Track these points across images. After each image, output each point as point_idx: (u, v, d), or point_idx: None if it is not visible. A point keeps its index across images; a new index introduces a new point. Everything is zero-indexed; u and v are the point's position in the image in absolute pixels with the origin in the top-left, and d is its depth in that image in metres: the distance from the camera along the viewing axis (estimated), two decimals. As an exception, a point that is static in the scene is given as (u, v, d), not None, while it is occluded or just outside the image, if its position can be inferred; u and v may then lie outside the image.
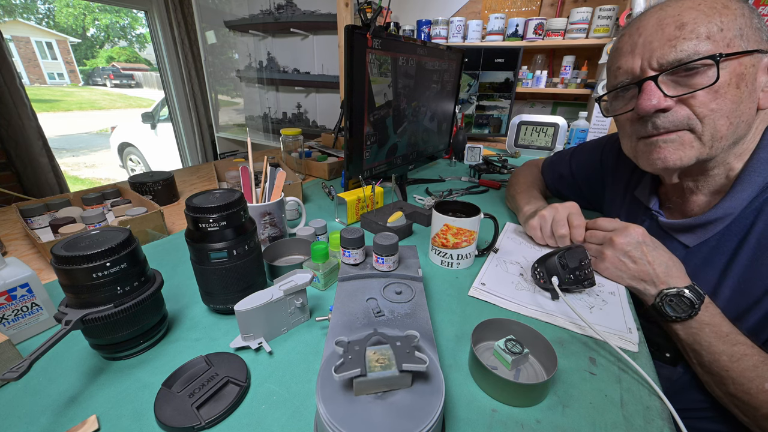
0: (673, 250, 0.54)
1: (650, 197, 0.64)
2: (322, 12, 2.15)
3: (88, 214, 0.70)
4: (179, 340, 0.44)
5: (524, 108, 2.09)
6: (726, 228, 0.51)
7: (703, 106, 0.47)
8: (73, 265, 0.35)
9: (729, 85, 0.46)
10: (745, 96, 0.47)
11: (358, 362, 0.29)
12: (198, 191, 0.61)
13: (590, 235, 0.60)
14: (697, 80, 0.47)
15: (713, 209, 0.52)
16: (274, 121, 2.71)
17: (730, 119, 0.47)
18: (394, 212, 0.74)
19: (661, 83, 0.49)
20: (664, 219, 0.60)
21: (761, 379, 0.41)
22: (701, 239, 0.54)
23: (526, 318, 0.49)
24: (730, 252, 0.51)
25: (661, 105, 0.49)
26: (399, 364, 0.28)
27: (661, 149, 0.52)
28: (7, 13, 14.76)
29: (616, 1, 1.60)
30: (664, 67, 0.48)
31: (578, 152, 0.86)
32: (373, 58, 0.73)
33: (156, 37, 2.72)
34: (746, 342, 0.44)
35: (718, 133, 0.48)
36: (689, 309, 0.47)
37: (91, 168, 5.43)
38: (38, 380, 0.38)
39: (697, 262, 0.54)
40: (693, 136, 0.49)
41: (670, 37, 0.47)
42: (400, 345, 0.31)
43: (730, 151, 0.51)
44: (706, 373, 0.48)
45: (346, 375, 0.28)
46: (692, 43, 0.45)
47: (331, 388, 0.29)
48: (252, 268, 0.47)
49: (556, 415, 0.35)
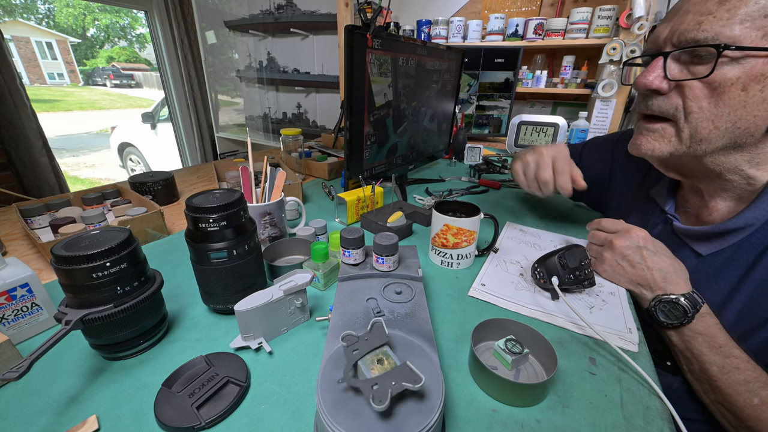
0: (684, 257, 0.52)
1: (667, 198, 0.59)
2: (322, 12, 2.15)
3: (88, 214, 0.70)
4: (179, 340, 0.44)
5: (524, 108, 2.08)
6: (744, 239, 0.47)
7: (694, 101, 0.44)
8: (73, 265, 0.35)
9: (732, 85, 0.41)
10: (753, 101, 0.41)
11: (383, 396, 0.27)
12: (198, 191, 0.60)
13: (592, 236, 0.60)
14: (699, 69, 0.43)
15: (734, 218, 0.48)
16: (274, 121, 2.71)
17: (716, 123, 0.43)
18: (394, 212, 0.74)
19: (671, 62, 0.45)
20: (679, 224, 0.56)
21: (750, 394, 0.41)
22: (715, 248, 0.50)
23: (526, 318, 0.49)
24: (746, 265, 0.47)
25: (652, 85, 0.46)
26: (396, 388, 0.27)
27: (641, 136, 0.51)
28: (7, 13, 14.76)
29: (616, 1, 1.60)
30: (680, 45, 0.44)
31: (590, 145, 0.81)
32: (373, 58, 0.73)
33: (156, 37, 2.72)
34: (741, 356, 0.43)
35: (697, 134, 0.45)
36: (682, 317, 0.46)
37: (91, 168, 5.43)
38: (38, 380, 0.38)
39: (709, 272, 0.51)
40: (673, 131, 0.47)
41: (705, 11, 0.41)
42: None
43: (730, 155, 0.46)
44: (695, 380, 0.47)
45: (386, 404, 0.26)
46: (719, 24, 0.39)
47: (331, 389, 0.29)
48: (252, 268, 0.47)
49: (556, 415, 0.35)
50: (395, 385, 0.27)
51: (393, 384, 0.27)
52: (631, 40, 1.48)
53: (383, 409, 0.26)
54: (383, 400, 0.26)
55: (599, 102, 1.62)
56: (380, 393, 0.27)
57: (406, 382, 0.27)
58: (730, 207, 0.51)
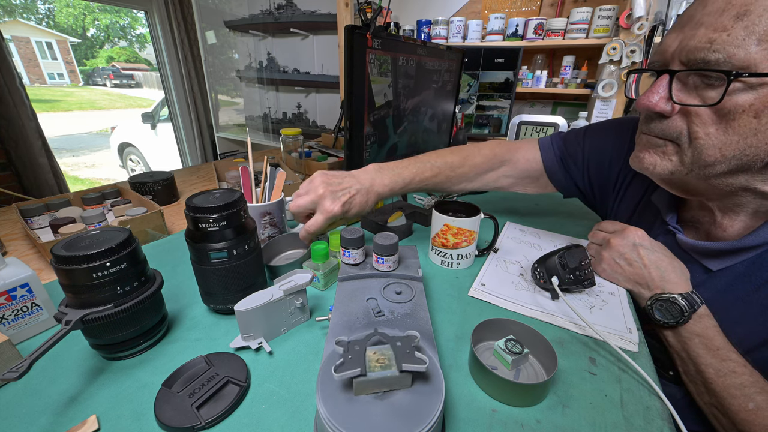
0: (691, 272, 0.50)
1: (669, 208, 0.55)
2: (322, 12, 2.15)
3: (88, 214, 0.70)
4: (179, 340, 0.44)
5: (524, 108, 2.09)
6: (758, 256, 0.45)
7: (701, 126, 0.40)
8: (73, 265, 0.35)
9: (743, 112, 0.37)
10: (766, 129, 0.38)
11: (358, 362, 0.29)
12: (198, 191, 0.60)
13: (592, 236, 0.60)
14: (708, 94, 0.39)
15: (752, 235, 0.45)
16: (274, 121, 2.72)
17: (723, 151, 0.40)
18: (394, 212, 0.74)
19: (677, 82, 0.41)
20: (685, 238, 0.52)
21: (746, 398, 0.40)
22: (727, 264, 0.47)
23: (526, 318, 0.49)
24: (759, 282, 0.45)
25: (656, 108, 0.43)
26: (399, 364, 0.28)
27: (644, 149, 0.48)
28: (7, 13, 14.76)
29: (616, 1, 1.60)
30: (689, 65, 0.39)
31: (593, 129, 0.69)
32: (373, 58, 0.73)
33: (156, 37, 2.72)
34: (738, 360, 0.42)
35: (702, 161, 0.42)
36: (678, 316, 0.46)
37: (91, 168, 5.43)
38: (38, 380, 0.38)
39: (718, 287, 0.48)
40: (674, 149, 0.44)
41: (720, 26, 0.36)
42: (400, 345, 0.31)
43: (739, 176, 0.43)
44: (690, 382, 0.47)
45: (345, 375, 0.28)
46: (734, 44, 0.35)
47: (331, 388, 0.29)
48: (252, 268, 0.47)
49: (556, 415, 0.35)
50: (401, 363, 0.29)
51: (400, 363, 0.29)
52: (631, 40, 1.48)
53: (419, 368, 0.28)
54: (412, 360, 0.28)
55: (599, 102, 1.62)
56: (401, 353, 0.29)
57: (413, 363, 0.28)
58: (746, 223, 0.48)
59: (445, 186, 0.68)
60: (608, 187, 0.68)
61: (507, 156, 0.72)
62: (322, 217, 0.54)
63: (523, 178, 0.74)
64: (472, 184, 0.71)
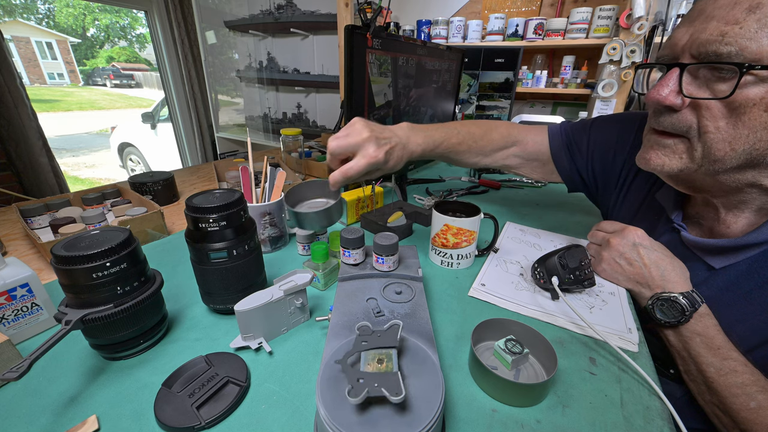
0: (694, 269, 0.50)
1: (674, 206, 0.55)
2: (322, 12, 2.15)
3: (88, 214, 0.70)
4: (179, 340, 0.44)
5: (524, 108, 2.09)
6: (761, 253, 0.45)
7: (711, 120, 0.40)
8: (73, 265, 0.35)
9: (754, 105, 0.37)
10: None
11: (364, 382, 0.28)
12: (198, 191, 0.60)
13: (591, 236, 0.60)
14: (719, 87, 0.39)
15: (755, 232, 0.45)
16: (274, 121, 2.71)
17: (733, 145, 0.40)
18: (394, 212, 0.74)
19: (688, 76, 0.41)
20: (688, 235, 0.52)
21: (747, 397, 0.40)
22: (730, 262, 0.47)
23: (526, 318, 0.49)
24: (761, 280, 0.45)
25: (666, 101, 0.42)
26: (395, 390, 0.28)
27: (651, 150, 0.48)
28: (7, 13, 14.76)
29: (616, 1, 1.60)
30: (700, 58, 0.39)
31: (601, 121, 0.69)
32: (373, 58, 0.73)
33: (156, 37, 2.72)
34: (739, 359, 0.43)
35: (711, 155, 0.42)
36: (679, 315, 0.46)
37: (91, 168, 5.43)
38: (38, 380, 0.38)
39: (720, 285, 0.48)
40: (684, 147, 0.44)
41: (732, 19, 0.36)
42: (380, 337, 0.31)
43: (746, 172, 0.43)
44: (691, 381, 0.47)
45: (360, 399, 0.27)
46: (746, 37, 0.35)
47: (330, 389, 0.29)
48: (252, 268, 0.47)
49: (556, 415, 0.35)
50: (376, 387, 0.27)
51: (375, 386, 0.27)
52: (631, 40, 1.48)
53: (354, 403, 0.26)
54: (357, 396, 0.26)
55: (599, 102, 1.62)
56: (359, 389, 0.27)
57: (387, 391, 0.27)
58: (750, 220, 0.48)
59: (464, 157, 0.69)
60: (611, 181, 0.69)
61: (519, 137, 0.74)
62: (365, 161, 0.49)
63: (531, 160, 0.75)
64: (486, 159, 0.72)
